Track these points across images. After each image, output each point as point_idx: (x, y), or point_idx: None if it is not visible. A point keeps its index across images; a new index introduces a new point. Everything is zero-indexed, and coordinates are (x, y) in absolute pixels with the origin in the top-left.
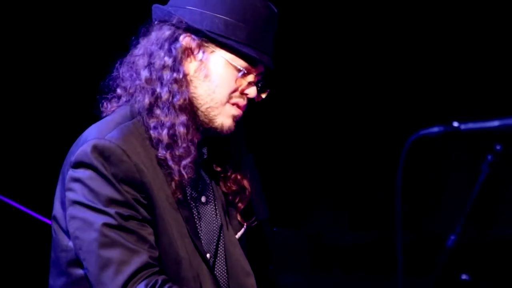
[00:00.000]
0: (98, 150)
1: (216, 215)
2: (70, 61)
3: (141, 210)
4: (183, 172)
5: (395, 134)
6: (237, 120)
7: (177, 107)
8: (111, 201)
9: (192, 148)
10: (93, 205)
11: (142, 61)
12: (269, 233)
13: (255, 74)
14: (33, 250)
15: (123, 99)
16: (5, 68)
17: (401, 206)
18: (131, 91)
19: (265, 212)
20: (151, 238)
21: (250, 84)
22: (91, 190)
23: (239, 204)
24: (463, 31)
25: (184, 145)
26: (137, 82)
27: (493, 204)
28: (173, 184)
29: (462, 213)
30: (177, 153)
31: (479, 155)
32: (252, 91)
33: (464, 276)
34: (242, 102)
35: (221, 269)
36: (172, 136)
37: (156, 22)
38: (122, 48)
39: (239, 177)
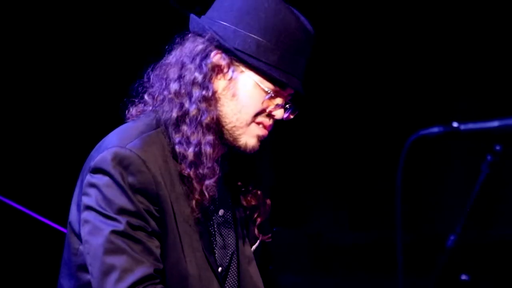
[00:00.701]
0: (118, 159)
1: (233, 229)
2: (87, 64)
3: (152, 222)
4: (205, 192)
5: (395, 134)
6: (262, 139)
7: (204, 125)
8: (123, 210)
9: (217, 168)
10: (104, 212)
11: (173, 71)
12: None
13: (283, 96)
14: (37, 253)
15: (149, 106)
16: (21, 71)
17: (401, 206)
18: (158, 99)
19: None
20: (157, 251)
21: (277, 106)
22: (105, 197)
23: (258, 219)
24: (463, 31)
25: (209, 164)
26: (165, 92)
27: (493, 204)
28: (193, 202)
29: (462, 213)
30: (201, 172)
31: (479, 155)
32: (279, 113)
33: (464, 276)
34: (268, 122)
35: (233, 284)
36: (198, 155)
37: (191, 33)
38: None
39: (259, 192)
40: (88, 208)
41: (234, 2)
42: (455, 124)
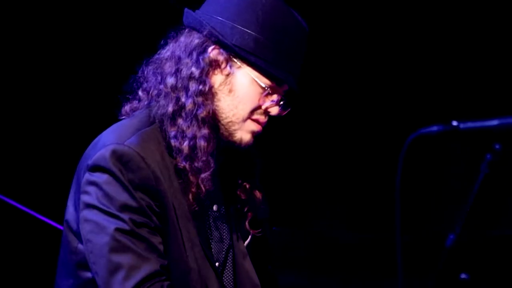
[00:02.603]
0: (117, 156)
1: (227, 224)
2: (80, 61)
3: (154, 218)
4: (201, 185)
5: (394, 133)
6: (256, 135)
7: (200, 119)
8: (125, 207)
9: (212, 161)
10: (107, 209)
11: (168, 66)
12: (269, 234)
13: (278, 93)
14: (36, 251)
15: (144, 102)
16: (14, 69)
17: (400, 206)
18: (153, 94)
19: (264, 212)
20: (161, 247)
21: (273, 102)
22: (106, 194)
23: (249, 213)
24: (463, 31)
25: (204, 158)
26: (161, 86)
27: (493, 204)
28: (190, 195)
29: (462, 213)
30: (196, 165)
31: (479, 155)
32: (274, 110)
33: (463, 276)
34: (263, 119)
35: (229, 279)
36: (193, 148)
37: (186, 28)
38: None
39: (249, 186)
40: (89, 206)
41: None
42: (454, 123)
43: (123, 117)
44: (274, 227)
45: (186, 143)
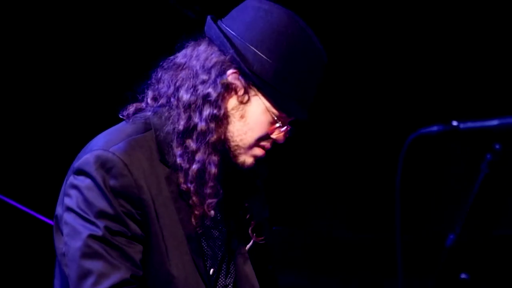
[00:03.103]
0: (101, 162)
1: (225, 230)
2: (79, 62)
3: (133, 226)
4: (207, 211)
5: (394, 133)
6: (258, 159)
7: (211, 144)
8: (102, 214)
9: (220, 189)
10: (84, 215)
11: (184, 77)
12: (269, 234)
13: (287, 122)
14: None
15: (149, 108)
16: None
17: (400, 206)
18: (163, 102)
19: (264, 212)
20: (136, 256)
21: (281, 131)
22: (85, 199)
23: (252, 221)
24: (463, 31)
25: (212, 184)
26: (173, 99)
27: (493, 204)
28: (192, 218)
29: (462, 213)
30: (204, 191)
31: (479, 155)
32: (281, 138)
33: (463, 276)
34: (268, 146)
35: (225, 285)
36: (202, 173)
37: (207, 37)
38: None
39: (253, 193)
40: (68, 209)
41: (257, 20)
42: (454, 123)
43: (123, 117)
44: (274, 227)
45: (195, 166)
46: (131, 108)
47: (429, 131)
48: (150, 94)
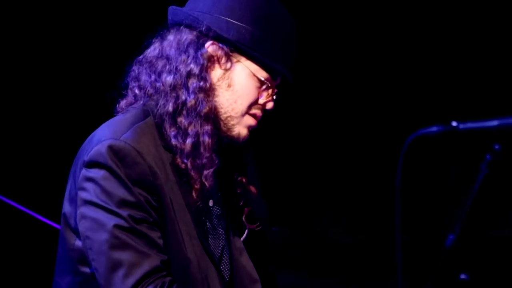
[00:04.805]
0: (114, 151)
1: (223, 219)
2: (72, 60)
3: (152, 212)
4: (205, 182)
5: (394, 134)
6: (251, 129)
7: (202, 115)
8: (123, 203)
9: (215, 158)
10: (105, 205)
11: (161, 64)
12: (268, 233)
13: (273, 87)
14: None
15: (140, 99)
16: (10, 68)
17: (400, 206)
18: (149, 92)
19: (264, 212)
20: (160, 242)
21: (269, 96)
22: (104, 190)
23: (245, 208)
24: (463, 31)
25: (207, 154)
26: (158, 84)
27: (493, 204)
28: (193, 192)
29: (462, 213)
30: (200, 162)
31: (479, 155)
32: (270, 105)
33: (463, 276)
34: (259, 113)
35: (225, 273)
36: (196, 145)
37: (174, 25)
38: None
39: (244, 180)
40: (87, 202)
41: None
42: (454, 123)
43: (118, 113)
44: (274, 227)
45: (189, 141)
46: (123, 104)
47: (428, 131)
48: (136, 88)
